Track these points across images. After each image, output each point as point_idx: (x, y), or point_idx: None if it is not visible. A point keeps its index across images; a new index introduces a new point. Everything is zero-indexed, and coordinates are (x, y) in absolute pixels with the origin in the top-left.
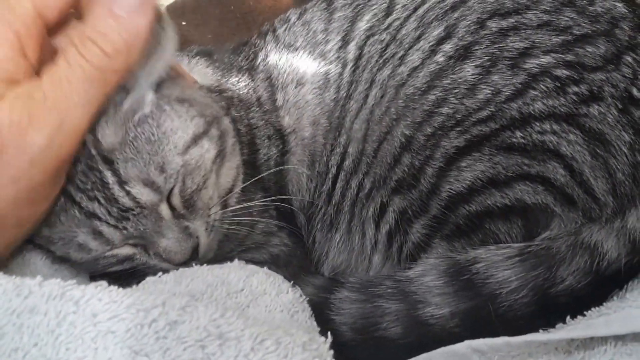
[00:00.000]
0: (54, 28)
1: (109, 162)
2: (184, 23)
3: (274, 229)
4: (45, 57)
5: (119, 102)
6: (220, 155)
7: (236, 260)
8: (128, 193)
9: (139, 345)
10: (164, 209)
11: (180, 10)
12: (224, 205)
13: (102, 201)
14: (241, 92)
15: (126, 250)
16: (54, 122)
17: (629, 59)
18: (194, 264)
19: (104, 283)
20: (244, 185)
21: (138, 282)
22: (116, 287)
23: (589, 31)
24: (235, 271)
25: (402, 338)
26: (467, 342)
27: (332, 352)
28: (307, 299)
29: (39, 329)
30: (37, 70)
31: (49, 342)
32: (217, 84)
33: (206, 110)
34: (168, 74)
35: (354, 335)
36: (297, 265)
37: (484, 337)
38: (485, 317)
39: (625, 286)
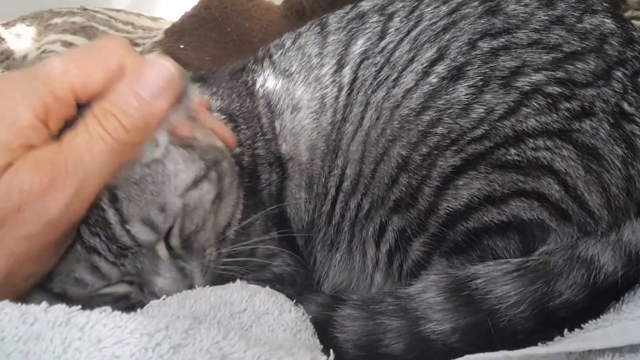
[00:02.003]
0: None
1: (113, 200)
2: (182, 46)
3: (275, 250)
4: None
5: None
6: (219, 197)
7: (238, 281)
8: (128, 232)
9: None
10: (162, 249)
11: (179, 34)
12: (222, 240)
13: (103, 237)
14: (247, 120)
15: (122, 289)
16: (72, 187)
17: (619, 74)
18: (196, 286)
19: (108, 308)
20: (246, 220)
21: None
22: (120, 312)
23: (579, 48)
24: (238, 291)
25: (405, 354)
26: (467, 357)
27: None
28: (310, 317)
29: (45, 356)
30: (56, 134)
31: None
32: (223, 115)
33: (206, 155)
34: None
35: (357, 353)
36: (301, 284)
37: (484, 351)
38: (485, 332)
39: (622, 298)
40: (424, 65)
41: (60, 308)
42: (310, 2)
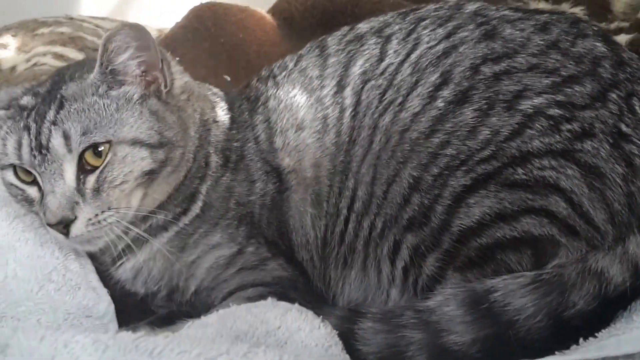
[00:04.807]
0: None
1: (60, 106)
2: (177, 59)
3: (267, 255)
4: None
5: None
6: (151, 177)
7: (269, 299)
8: (50, 132)
9: None
10: (68, 171)
11: (172, 45)
12: (139, 218)
13: (37, 126)
14: (239, 127)
15: (32, 192)
16: None
17: (614, 95)
18: (230, 304)
19: (169, 334)
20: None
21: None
22: (182, 333)
23: (575, 72)
24: (271, 309)
25: None
26: None
27: None
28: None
29: None
30: None
31: None
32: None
33: (166, 132)
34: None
35: None
36: (304, 289)
37: None
38: (504, 342)
39: (629, 307)
40: (429, 89)
41: (127, 335)
42: (300, 10)
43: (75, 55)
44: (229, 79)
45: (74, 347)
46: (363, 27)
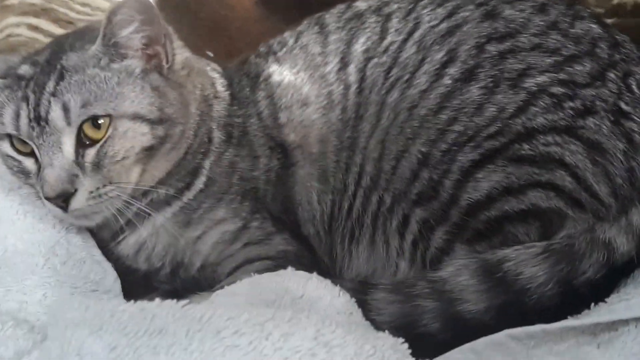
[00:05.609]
0: None
1: (60, 77)
2: None
3: (272, 230)
4: None
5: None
6: (150, 153)
7: (289, 268)
8: (49, 104)
9: (260, 356)
10: (67, 144)
11: None
12: (138, 193)
13: (35, 97)
14: (241, 103)
15: (29, 164)
16: None
17: (612, 75)
18: (253, 274)
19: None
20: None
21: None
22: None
23: (575, 52)
24: (292, 278)
25: (442, 332)
26: (506, 332)
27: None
28: None
29: (173, 348)
30: None
31: None
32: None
33: (166, 108)
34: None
35: (395, 333)
36: (309, 264)
37: (514, 327)
38: (517, 308)
39: (632, 274)
40: (436, 67)
41: (171, 303)
42: None
43: (50, 26)
44: (212, 54)
45: (121, 316)
46: (361, 5)
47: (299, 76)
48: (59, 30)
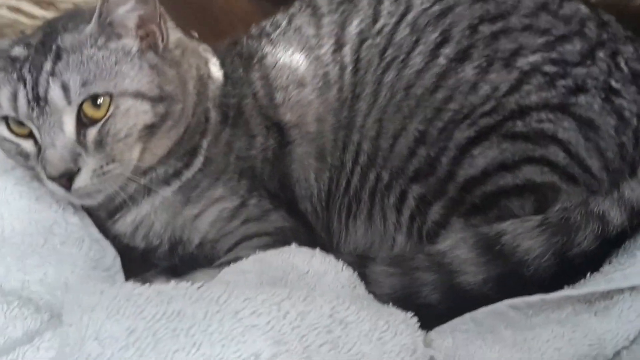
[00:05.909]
0: None
1: (57, 57)
2: None
3: (269, 207)
4: None
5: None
6: (152, 130)
7: (293, 244)
8: (48, 84)
9: (279, 335)
10: (68, 123)
11: None
12: (139, 171)
13: (33, 77)
14: (234, 83)
15: (28, 146)
16: None
17: (601, 54)
18: (256, 251)
19: (232, 282)
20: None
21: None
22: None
23: (565, 32)
24: (297, 255)
25: (442, 303)
26: (506, 301)
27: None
28: None
29: (192, 330)
30: None
31: (204, 341)
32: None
33: (166, 85)
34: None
35: (395, 305)
36: (305, 241)
37: (512, 297)
38: (515, 279)
39: (623, 245)
40: (431, 47)
41: (187, 285)
42: None
43: (31, 8)
44: (196, 34)
45: (137, 300)
46: None
47: (294, 57)
48: (40, 12)
